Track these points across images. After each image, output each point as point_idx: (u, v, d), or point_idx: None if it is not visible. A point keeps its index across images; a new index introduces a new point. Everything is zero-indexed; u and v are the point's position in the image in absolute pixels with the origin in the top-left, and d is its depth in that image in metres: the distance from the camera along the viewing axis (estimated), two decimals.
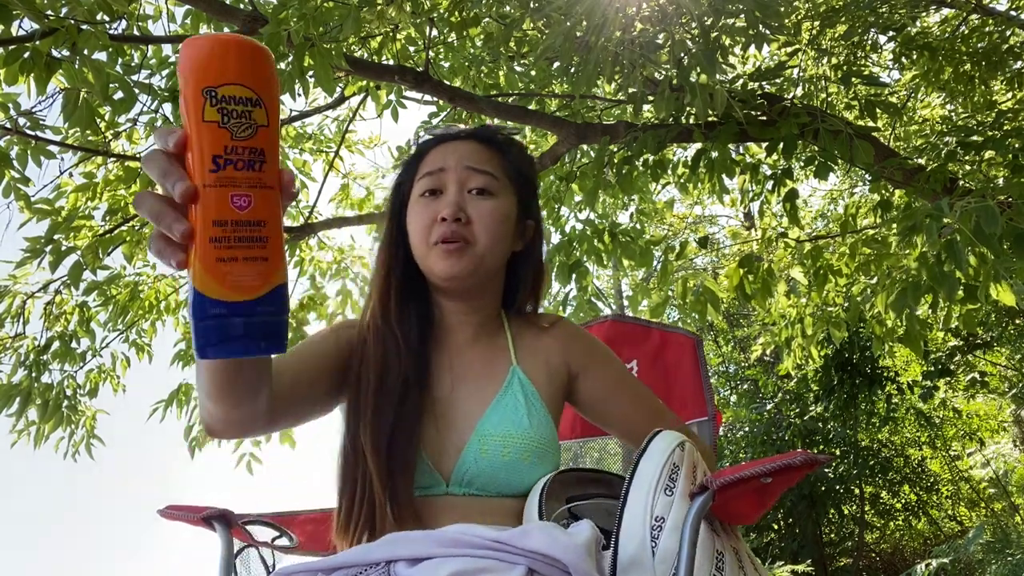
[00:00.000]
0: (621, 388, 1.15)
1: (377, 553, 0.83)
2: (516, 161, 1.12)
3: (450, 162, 1.06)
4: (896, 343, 3.99)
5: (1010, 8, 3.79)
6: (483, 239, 1.03)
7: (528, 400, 1.05)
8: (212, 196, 0.58)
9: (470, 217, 1.03)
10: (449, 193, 1.04)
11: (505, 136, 1.15)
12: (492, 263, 1.06)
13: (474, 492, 1.00)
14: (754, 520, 0.95)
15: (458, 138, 1.11)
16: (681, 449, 0.90)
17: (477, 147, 1.09)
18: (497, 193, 1.06)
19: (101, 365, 3.83)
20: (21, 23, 2.23)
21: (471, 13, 3.13)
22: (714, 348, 10.19)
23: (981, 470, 8.55)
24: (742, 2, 2.26)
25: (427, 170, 1.07)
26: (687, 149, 3.79)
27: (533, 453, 1.01)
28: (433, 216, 1.03)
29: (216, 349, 0.59)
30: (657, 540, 0.82)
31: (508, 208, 1.07)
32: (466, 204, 1.04)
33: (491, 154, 1.09)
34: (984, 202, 2.07)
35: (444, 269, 1.02)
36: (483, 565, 0.80)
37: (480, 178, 1.05)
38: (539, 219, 1.16)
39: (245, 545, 1.27)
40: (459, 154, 1.07)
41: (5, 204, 2.86)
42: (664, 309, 3.54)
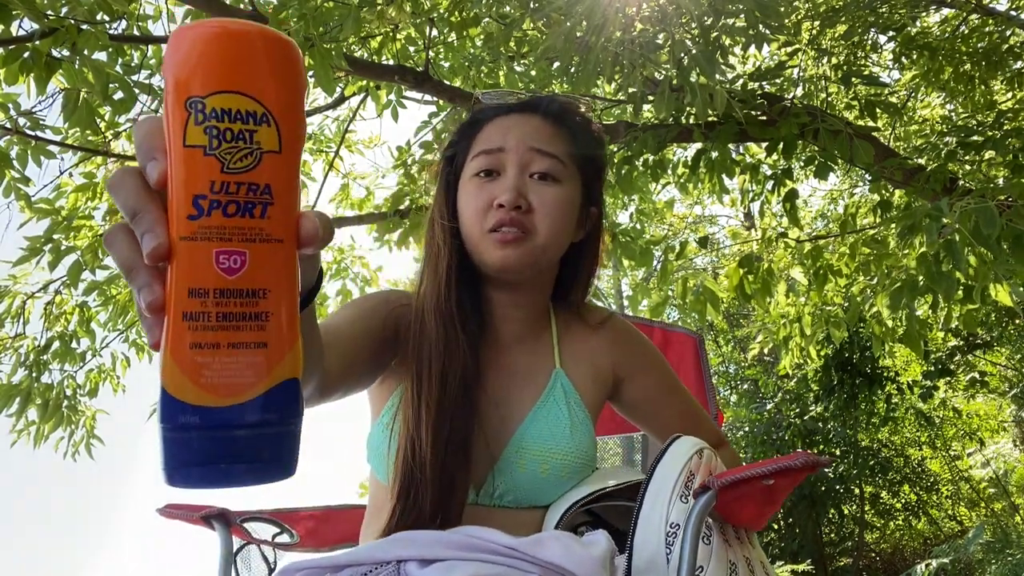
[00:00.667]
0: (667, 395, 1.11)
1: (387, 552, 0.81)
2: (585, 141, 1.00)
3: (511, 141, 0.94)
4: (896, 343, 3.99)
5: (1010, 8, 3.79)
6: (544, 230, 0.93)
7: (571, 408, 0.98)
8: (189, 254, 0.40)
9: (531, 205, 0.93)
10: (508, 176, 0.93)
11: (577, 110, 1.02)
12: (552, 256, 0.97)
13: (506, 504, 0.96)
14: (762, 525, 0.95)
15: (522, 111, 0.98)
16: (699, 456, 0.89)
17: (542, 124, 0.97)
18: (562, 179, 0.95)
19: (101, 365, 3.83)
20: (21, 23, 2.23)
21: (471, 13, 3.13)
22: (714, 348, 10.19)
23: (981, 470, 8.55)
24: (742, 2, 2.26)
25: (484, 147, 0.96)
26: (687, 149, 3.79)
27: (572, 468, 0.96)
28: (489, 200, 0.93)
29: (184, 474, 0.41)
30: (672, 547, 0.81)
31: (573, 195, 0.97)
32: (527, 190, 0.93)
33: (558, 133, 0.97)
34: (983, 203, 2.07)
35: (499, 259, 0.92)
36: (495, 571, 0.77)
37: (545, 161, 0.94)
38: (602, 204, 1.05)
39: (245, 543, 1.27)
40: (522, 131, 0.95)
41: (5, 204, 2.86)
42: (664, 309, 3.54)
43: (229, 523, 1.20)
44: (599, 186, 1.04)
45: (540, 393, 0.98)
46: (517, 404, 0.98)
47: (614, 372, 1.06)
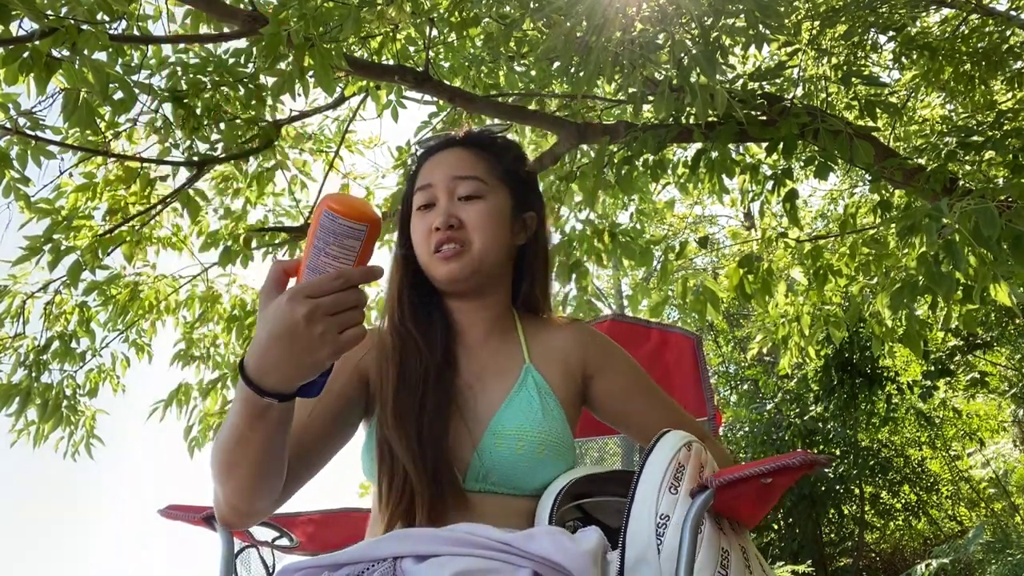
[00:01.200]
0: (638, 390, 1.16)
1: (384, 549, 0.84)
2: (504, 159, 1.15)
3: (437, 176, 1.10)
4: (896, 343, 3.99)
5: (1010, 8, 3.79)
6: (478, 239, 1.07)
7: (542, 397, 1.06)
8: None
9: (462, 222, 1.07)
10: (440, 204, 1.09)
11: (491, 136, 1.18)
12: (492, 260, 1.09)
13: (489, 488, 1.01)
14: (755, 523, 0.96)
15: (445, 147, 1.15)
16: (688, 448, 0.91)
17: (462, 154, 1.13)
18: (485, 195, 1.09)
19: (101, 365, 3.83)
20: (21, 23, 2.23)
21: (471, 13, 3.13)
22: (714, 348, 10.19)
23: (981, 470, 8.55)
24: (742, 2, 2.26)
25: (419, 185, 1.12)
26: (687, 149, 3.79)
27: (547, 447, 1.02)
28: (428, 227, 1.08)
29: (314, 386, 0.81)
30: (663, 538, 0.84)
31: (500, 205, 1.11)
32: (456, 211, 1.08)
33: (476, 159, 1.12)
34: (983, 203, 2.07)
35: (445, 274, 1.07)
36: (489, 566, 0.80)
37: (467, 184, 1.09)
38: (541, 209, 1.18)
39: (246, 545, 1.28)
40: (445, 165, 1.11)
41: (5, 204, 2.86)
42: (664, 309, 3.54)
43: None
44: (532, 195, 1.18)
45: (513, 385, 1.07)
46: (492, 395, 1.07)
47: (583, 369, 1.14)
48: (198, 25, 3.17)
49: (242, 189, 3.88)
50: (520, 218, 1.15)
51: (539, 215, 1.18)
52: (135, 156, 3.36)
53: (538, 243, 1.17)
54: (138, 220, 3.42)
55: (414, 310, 1.10)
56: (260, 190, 3.85)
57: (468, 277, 1.07)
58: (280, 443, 0.85)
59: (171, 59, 3.07)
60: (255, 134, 3.38)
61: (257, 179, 3.81)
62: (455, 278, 1.07)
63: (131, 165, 3.31)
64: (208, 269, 3.84)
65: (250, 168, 3.81)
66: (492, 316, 1.13)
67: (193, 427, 3.80)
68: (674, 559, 0.82)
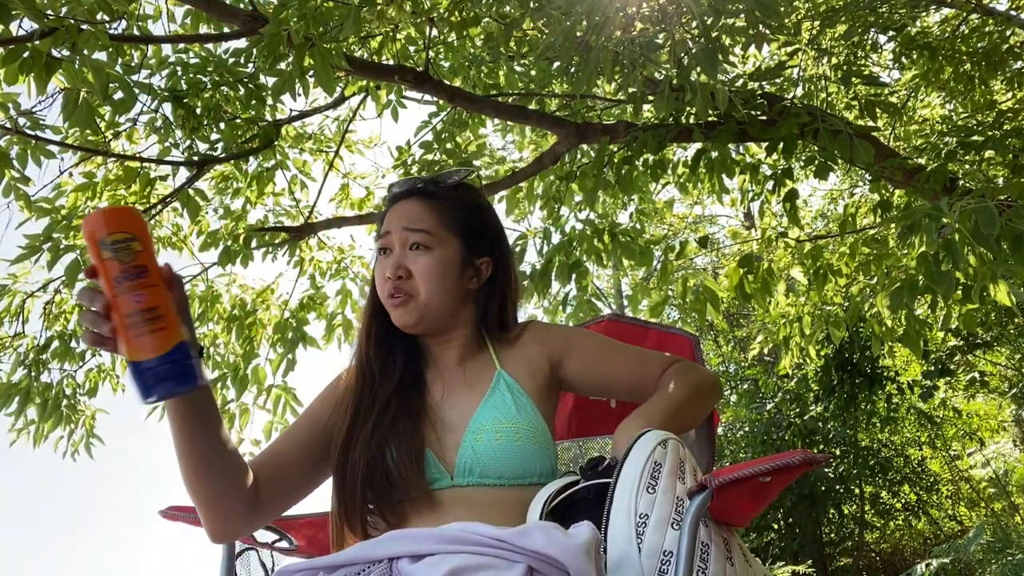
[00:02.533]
0: (607, 355, 1.22)
1: (380, 550, 0.86)
2: (455, 210, 1.21)
3: (393, 225, 1.19)
4: (896, 343, 3.99)
5: (1010, 8, 3.79)
6: (423, 290, 1.15)
7: (514, 395, 1.14)
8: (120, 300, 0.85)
9: (410, 272, 1.16)
10: (394, 253, 1.18)
11: (447, 186, 1.25)
12: (439, 307, 1.17)
13: (477, 481, 1.07)
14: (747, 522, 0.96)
15: (405, 197, 1.23)
16: (663, 447, 0.94)
17: (415, 205, 1.20)
18: (433, 246, 1.17)
19: (100, 364, 3.83)
20: (21, 23, 2.23)
21: (471, 13, 3.13)
22: (714, 348, 10.19)
23: (981, 470, 8.54)
24: (742, 2, 2.26)
25: (382, 231, 1.21)
26: (687, 149, 3.79)
27: (522, 435, 1.09)
28: (383, 273, 1.17)
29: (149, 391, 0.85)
30: (643, 537, 0.86)
31: (448, 257, 1.18)
32: (407, 261, 1.16)
33: (427, 210, 1.20)
34: (983, 203, 2.07)
35: (396, 319, 1.16)
36: (484, 562, 0.81)
37: (416, 236, 1.17)
38: (498, 253, 1.25)
39: (246, 547, 1.28)
40: (399, 215, 1.19)
41: (5, 204, 2.86)
42: (664, 309, 3.54)
43: None
44: (486, 241, 1.24)
45: (487, 390, 1.16)
46: (469, 401, 1.15)
47: (548, 359, 1.21)
48: (198, 25, 3.17)
49: (242, 189, 3.88)
50: (472, 265, 1.21)
51: (497, 258, 1.25)
52: (135, 156, 3.36)
53: (494, 287, 1.24)
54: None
55: (378, 342, 1.20)
56: (260, 190, 3.85)
57: (416, 323, 1.16)
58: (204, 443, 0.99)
59: (171, 59, 3.08)
60: (255, 134, 3.38)
61: (257, 179, 3.81)
62: (404, 324, 1.16)
63: (131, 165, 3.31)
64: (208, 269, 3.84)
65: (250, 168, 3.81)
66: (460, 344, 1.21)
67: None
68: (655, 556, 0.84)
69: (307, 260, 4.06)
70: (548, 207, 3.71)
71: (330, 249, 4.14)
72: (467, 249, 1.21)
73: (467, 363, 1.21)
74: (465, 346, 1.21)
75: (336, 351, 4.05)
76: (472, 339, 1.22)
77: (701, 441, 1.30)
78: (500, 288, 1.25)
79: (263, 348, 3.92)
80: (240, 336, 3.91)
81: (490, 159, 4.06)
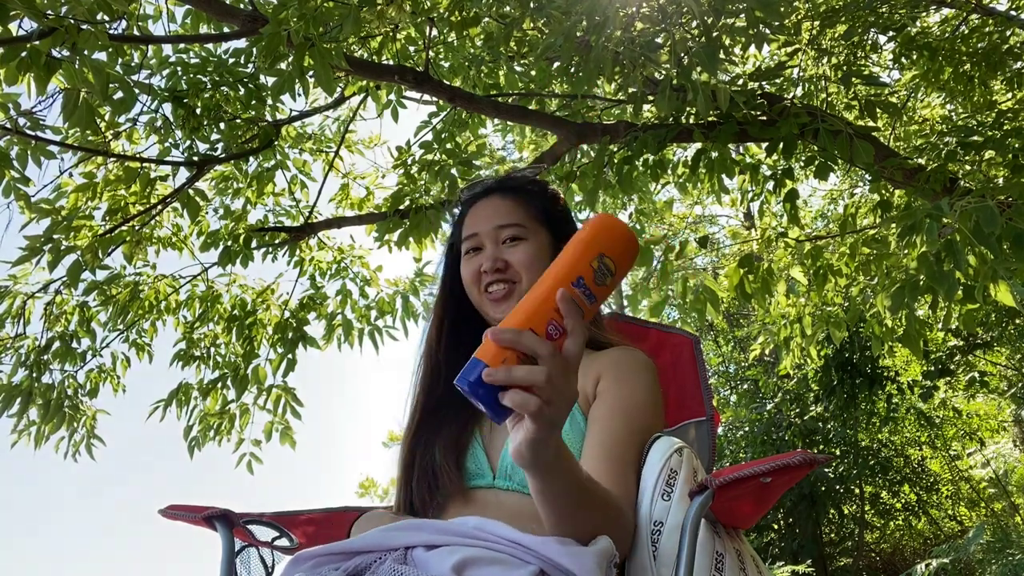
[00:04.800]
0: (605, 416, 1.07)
1: (396, 539, 0.87)
2: (541, 202, 1.25)
3: (482, 225, 1.21)
4: (896, 343, 3.99)
5: (1010, 8, 3.79)
6: (524, 276, 1.16)
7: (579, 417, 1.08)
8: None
9: (508, 263, 1.17)
10: (487, 250, 1.19)
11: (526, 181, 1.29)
12: None
13: (517, 487, 1.05)
14: (752, 523, 0.96)
15: (487, 195, 1.25)
16: (679, 455, 0.94)
17: (502, 203, 1.23)
18: (527, 237, 1.19)
19: (101, 365, 3.82)
20: (21, 23, 2.23)
21: (471, 13, 3.13)
22: (714, 348, 10.19)
23: (981, 470, 8.55)
24: (742, 1, 2.26)
25: (466, 234, 1.23)
26: (687, 149, 3.79)
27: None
28: (477, 269, 1.19)
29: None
30: (657, 544, 0.86)
31: (542, 245, 1.20)
32: (502, 254, 1.18)
33: (516, 205, 1.22)
34: (984, 202, 2.07)
35: (498, 315, 1.16)
36: (495, 557, 0.82)
37: (509, 230, 1.19)
38: None
39: (245, 545, 1.28)
40: (487, 214, 1.22)
41: (5, 204, 2.86)
42: (664, 308, 3.53)
43: (232, 524, 1.20)
44: (568, 228, 1.26)
45: None
46: None
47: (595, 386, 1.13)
48: (198, 25, 3.17)
49: (242, 189, 3.88)
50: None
51: None
52: (135, 156, 3.36)
53: None
54: (138, 220, 3.42)
55: (448, 343, 1.22)
56: (260, 190, 3.85)
57: None
58: None
59: (171, 59, 3.08)
60: (255, 134, 3.38)
61: (257, 179, 3.81)
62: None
63: (131, 165, 3.31)
64: (208, 269, 3.84)
65: (250, 168, 3.81)
66: None
67: (193, 427, 3.80)
68: (670, 564, 0.84)
69: (307, 260, 4.06)
70: None
71: (330, 249, 4.14)
72: (555, 238, 1.22)
73: None
74: None
75: (336, 351, 4.05)
76: None
77: (701, 443, 1.30)
78: None
79: (263, 348, 3.92)
80: (240, 336, 3.91)
81: (490, 159, 4.06)
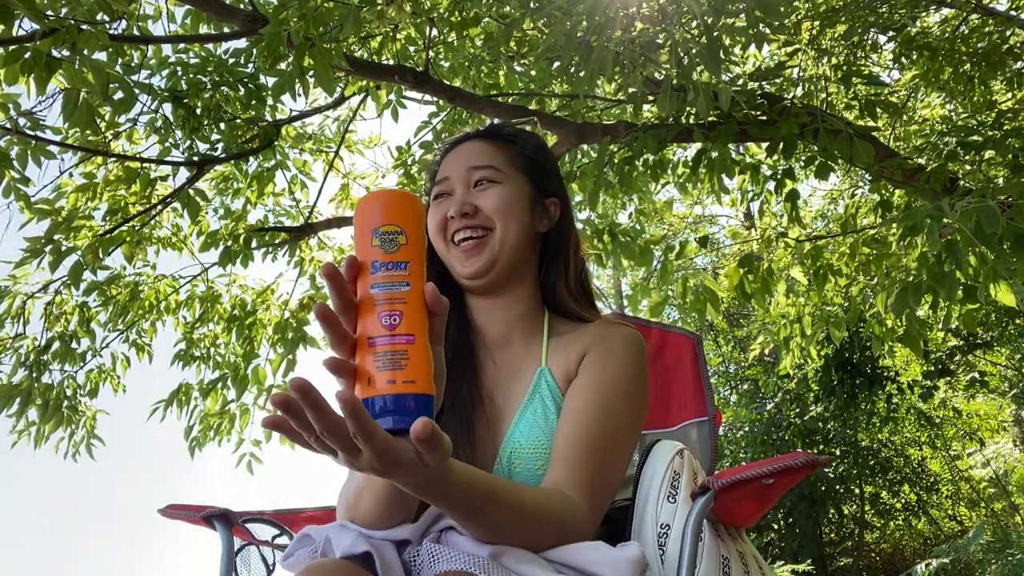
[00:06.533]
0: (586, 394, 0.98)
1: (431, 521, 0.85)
2: (522, 148, 1.12)
3: (453, 168, 1.08)
4: (896, 343, 3.99)
5: (1010, 8, 3.79)
6: (497, 221, 1.03)
7: (557, 404, 0.99)
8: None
9: (478, 207, 1.04)
10: (456, 194, 1.06)
11: (508, 126, 1.18)
12: (512, 244, 1.04)
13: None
14: (753, 522, 0.96)
15: (463, 141, 1.13)
16: (680, 456, 0.93)
17: (479, 145, 1.10)
18: (502, 180, 1.06)
19: (101, 365, 3.82)
20: (21, 23, 2.23)
21: (471, 13, 3.13)
22: (714, 348, 10.19)
23: (981, 470, 8.54)
24: (743, 1, 2.26)
25: (437, 178, 1.10)
26: (687, 149, 3.79)
27: None
28: (443, 216, 1.05)
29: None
30: (664, 547, 0.86)
31: (517, 189, 1.07)
32: (472, 198, 1.05)
33: (493, 148, 1.10)
34: (984, 202, 2.07)
35: (465, 268, 1.03)
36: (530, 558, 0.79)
37: (482, 172, 1.06)
38: (563, 196, 1.14)
39: (246, 543, 1.27)
40: (461, 156, 1.09)
41: (5, 204, 2.86)
42: (664, 308, 3.54)
43: (231, 523, 1.20)
44: (552, 181, 1.13)
45: (526, 392, 1.02)
46: (507, 402, 1.02)
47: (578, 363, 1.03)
48: (198, 25, 3.17)
49: (242, 189, 3.88)
50: (541, 203, 1.10)
51: (563, 199, 1.13)
52: (135, 156, 3.36)
53: (565, 231, 1.11)
54: (138, 220, 3.42)
55: None
56: (260, 190, 3.85)
57: (487, 269, 1.02)
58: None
59: (171, 59, 3.07)
60: (255, 134, 3.38)
61: (257, 179, 3.81)
62: (475, 271, 1.02)
63: (131, 165, 3.31)
64: (208, 269, 3.84)
65: (250, 168, 3.81)
66: (516, 314, 1.07)
67: (193, 427, 3.80)
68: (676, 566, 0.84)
69: (307, 260, 4.06)
70: None
71: (330, 249, 4.14)
72: (535, 187, 1.10)
73: (512, 344, 1.06)
74: (518, 318, 1.06)
75: None
76: (528, 311, 1.07)
77: (703, 443, 1.30)
78: (567, 236, 1.11)
79: (263, 348, 3.92)
80: (240, 336, 3.91)
81: None
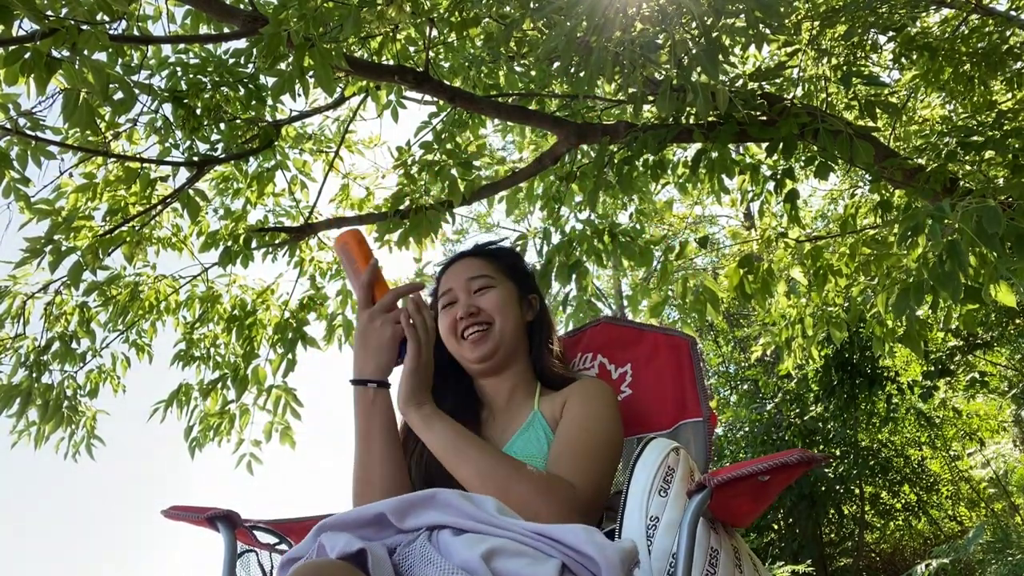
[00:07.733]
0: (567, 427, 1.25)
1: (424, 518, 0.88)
2: (505, 259, 1.46)
3: (455, 281, 1.40)
4: (896, 343, 3.99)
5: (1010, 8, 3.79)
6: (497, 317, 1.35)
7: (547, 434, 1.27)
8: None
9: (480, 307, 1.36)
10: (461, 300, 1.37)
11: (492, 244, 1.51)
12: (511, 333, 1.36)
13: None
14: (750, 522, 0.97)
15: (459, 259, 1.45)
16: (676, 453, 0.96)
17: (472, 260, 1.43)
18: (495, 284, 1.39)
19: (101, 365, 3.82)
20: (21, 23, 2.23)
21: (471, 13, 3.13)
22: (714, 348, 10.19)
23: (981, 470, 8.54)
24: (742, 2, 2.26)
25: (442, 291, 1.41)
26: (687, 149, 3.79)
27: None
28: (453, 319, 1.36)
29: None
30: (652, 539, 0.88)
31: (509, 291, 1.40)
32: (475, 301, 1.36)
33: (483, 261, 1.43)
34: (985, 202, 2.07)
35: (474, 355, 1.33)
36: (520, 549, 0.83)
37: (479, 280, 1.39)
38: (539, 291, 1.49)
39: (247, 549, 1.28)
40: (459, 271, 1.41)
41: (5, 204, 2.86)
42: (663, 309, 3.54)
43: (234, 525, 1.20)
44: (530, 281, 1.48)
45: (521, 425, 1.32)
46: (505, 434, 1.33)
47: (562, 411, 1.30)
48: (198, 25, 3.17)
49: (242, 189, 3.88)
50: (526, 299, 1.44)
51: (540, 298, 1.47)
52: (135, 156, 3.36)
53: (543, 318, 1.45)
54: (138, 220, 3.42)
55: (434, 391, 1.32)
56: (260, 190, 3.85)
57: (492, 353, 1.33)
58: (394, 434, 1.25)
59: (171, 59, 3.08)
60: (255, 134, 3.39)
61: (257, 179, 3.81)
62: (482, 355, 1.33)
63: (131, 165, 3.31)
64: (208, 269, 3.84)
65: (250, 168, 3.81)
66: (513, 384, 1.37)
67: (193, 427, 3.80)
68: (664, 559, 0.85)
69: (307, 260, 4.06)
70: (548, 207, 3.71)
71: (330, 249, 4.13)
72: (519, 287, 1.43)
73: (514, 404, 1.36)
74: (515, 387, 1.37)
75: (336, 351, 4.06)
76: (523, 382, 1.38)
77: (698, 444, 1.30)
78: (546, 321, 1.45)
79: (263, 348, 3.92)
80: (240, 336, 3.91)
81: (490, 159, 4.06)
